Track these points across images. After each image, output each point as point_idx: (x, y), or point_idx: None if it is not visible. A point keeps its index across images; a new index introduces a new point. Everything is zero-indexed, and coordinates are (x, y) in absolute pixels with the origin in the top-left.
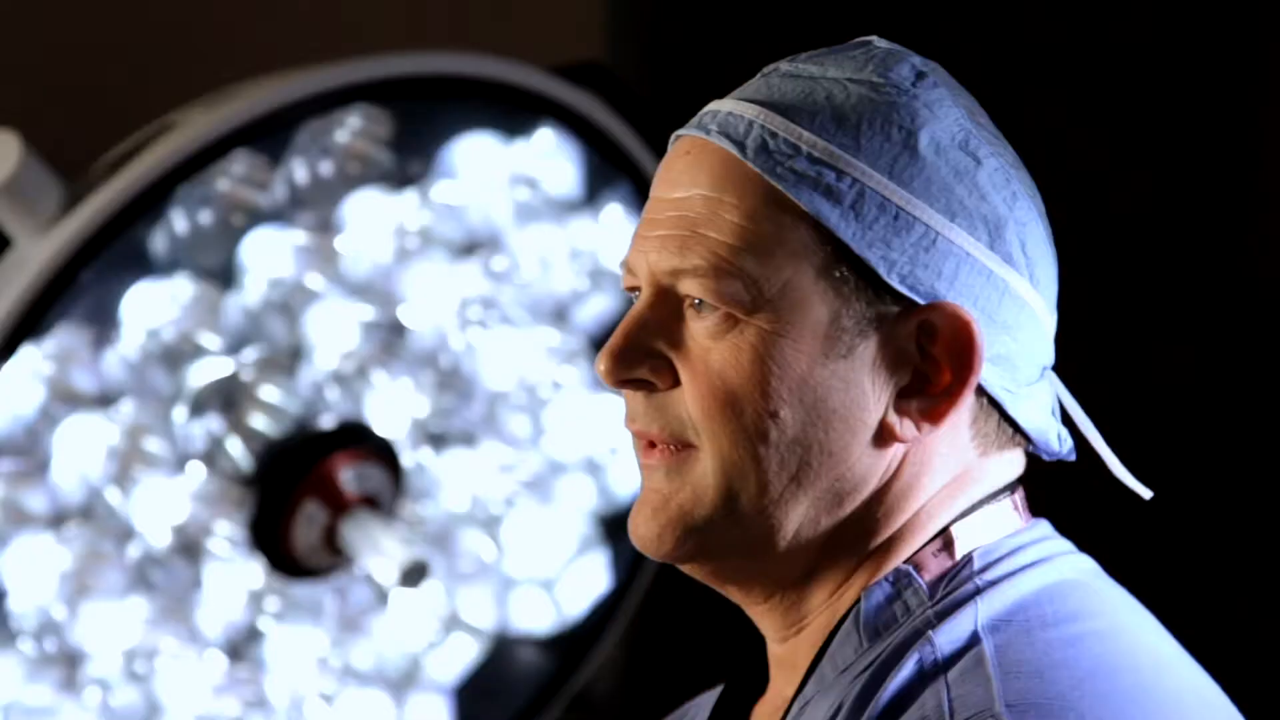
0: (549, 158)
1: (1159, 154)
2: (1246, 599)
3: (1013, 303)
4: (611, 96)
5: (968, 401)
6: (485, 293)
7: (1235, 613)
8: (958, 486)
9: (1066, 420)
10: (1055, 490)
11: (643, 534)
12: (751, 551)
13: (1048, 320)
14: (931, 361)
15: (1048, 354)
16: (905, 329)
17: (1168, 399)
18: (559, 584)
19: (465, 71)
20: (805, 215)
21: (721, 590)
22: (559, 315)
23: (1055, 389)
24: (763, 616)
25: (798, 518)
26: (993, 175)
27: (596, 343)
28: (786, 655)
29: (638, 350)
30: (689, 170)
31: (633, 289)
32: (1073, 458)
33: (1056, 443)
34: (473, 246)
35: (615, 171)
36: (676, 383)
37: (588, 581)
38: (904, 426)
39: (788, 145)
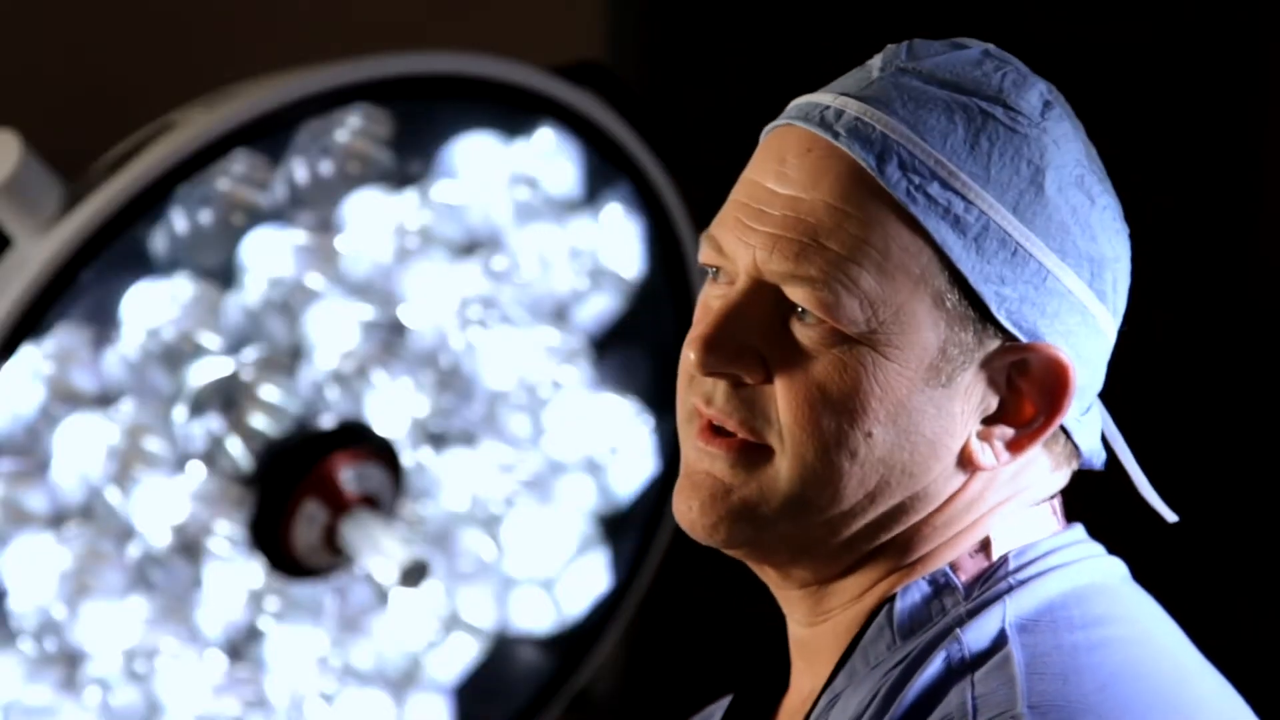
0: (549, 158)
1: (1158, 154)
2: (1249, 601)
3: (1097, 338)
4: (611, 96)
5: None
6: (485, 292)
7: (1242, 617)
8: (1011, 501)
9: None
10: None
11: (694, 519)
12: (805, 548)
13: (1111, 345)
14: (1016, 392)
15: (1104, 377)
16: (1001, 362)
17: (1168, 399)
18: (559, 584)
19: (465, 71)
20: (929, 241)
21: (756, 570)
22: (559, 315)
23: (1097, 406)
24: (792, 601)
25: (859, 527)
26: (1102, 215)
27: (597, 343)
28: (810, 641)
29: (733, 343)
30: (811, 171)
31: (712, 266)
32: (1102, 468)
33: (1097, 459)
34: (473, 246)
35: (615, 171)
36: (767, 379)
37: (588, 581)
38: (985, 454)
39: (922, 167)
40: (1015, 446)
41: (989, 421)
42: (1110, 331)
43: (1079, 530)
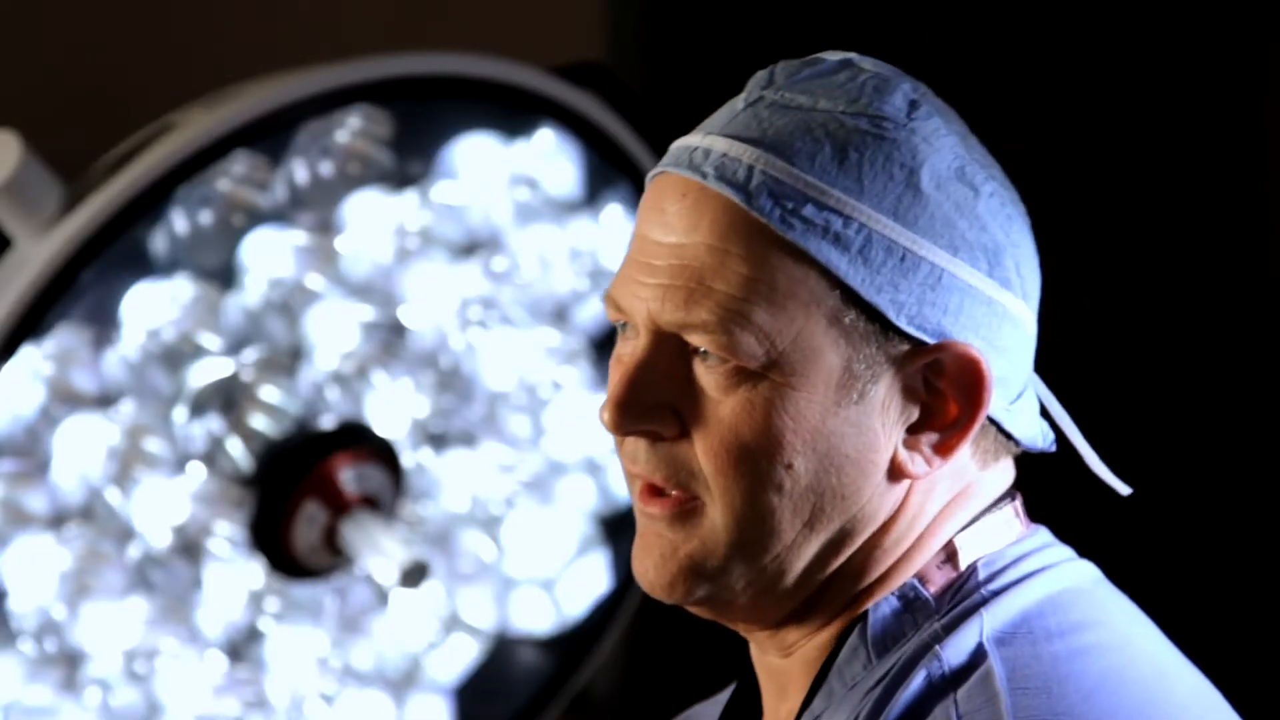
0: (549, 158)
1: (1159, 155)
2: (1235, 597)
3: (1010, 325)
4: (611, 96)
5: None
6: (485, 293)
7: (1224, 610)
8: (959, 502)
9: (1044, 413)
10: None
11: (653, 580)
12: (761, 593)
13: (1033, 329)
14: (937, 395)
15: (1031, 360)
16: (913, 367)
17: (1168, 399)
18: (559, 584)
19: (465, 71)
20: (814, 263)
21: (724, 623)
22: (559, 315)
23: (1036, 388)
24: (759, 640)
25: (808, 558)
26: (989, 202)
27: (597, 343)
28: (781, 670)
29: (644, 401)
30: (687, 216)
31: (619, 321)
32: (1053, 449)
33: (1042, 441)
34: (473, 247)
35: (615, 171)
36: (684, 432)
37: (588, 581)
38: (915, 463)
39: (793, 192)
40: (943, 449)
41: (914, 430)
42: (1024, 316)
43: (1045, 533)
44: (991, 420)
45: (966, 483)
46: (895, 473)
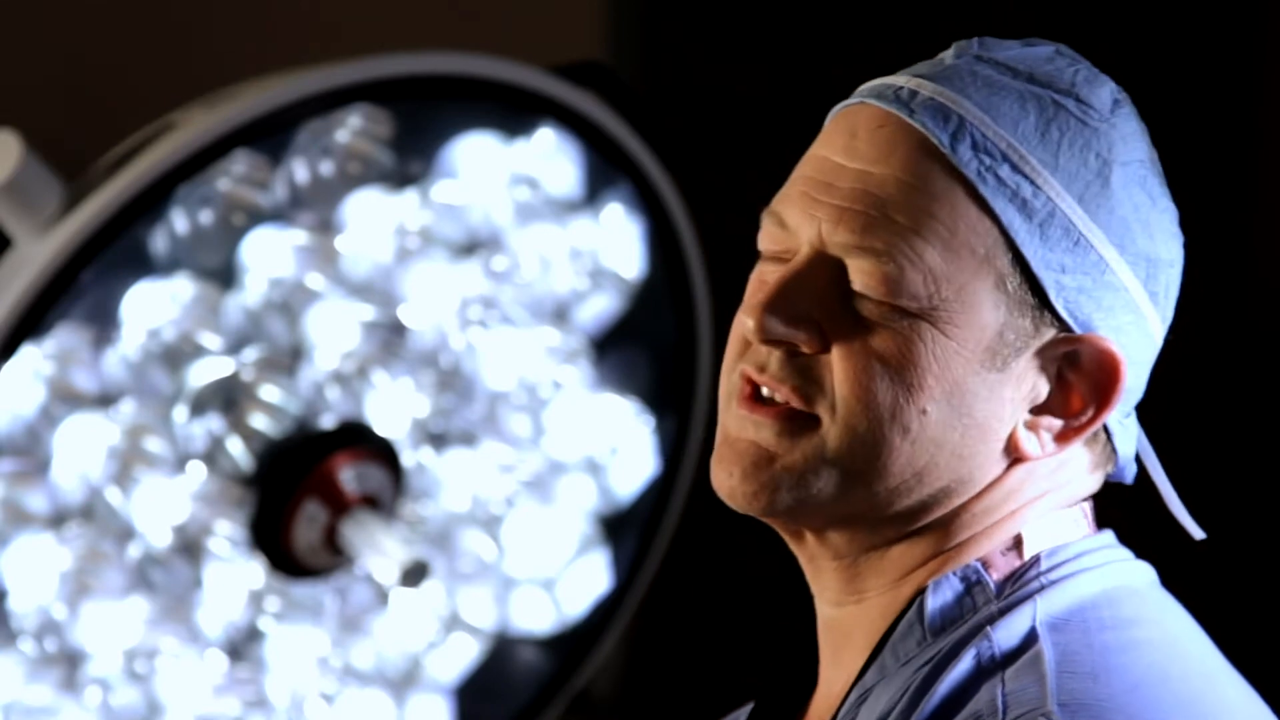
0: (549, 158)
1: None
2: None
3: (1146, 341)
4: (611, 96)
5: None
6: (485, 292)
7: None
8: (1046, 497)
9: None
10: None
11: (735, 486)
12: (845, 519)
13: (1156, 353)
14: (1066, 384)
15: (1146, 384)
16: (1054, 352)
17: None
18: (559, 584)
19: (465, 71)
20: (996, 222)
21: (793, 539)
22: (559, 315)
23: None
24: (824, 575)
25: (903, 506)
26: (1161, 217)
27: (597, 343)
28: (840, 623)
29: (794, 309)
30: (882, 146)
31: (774, 255)
32: (1131, 482)
33: (1129, 470)
34: (473, 246)
35: (615, 171)
36: (824, 349)
37: (588, 581)
38: (1031, 444)
39: (994, 149)
40: (1061, 439)
41: (1037, 411)
42: (1158, 336)
43: (1109, 536)
44: (1105, 429)
45: (1065, 479)
46: (1010, 448)
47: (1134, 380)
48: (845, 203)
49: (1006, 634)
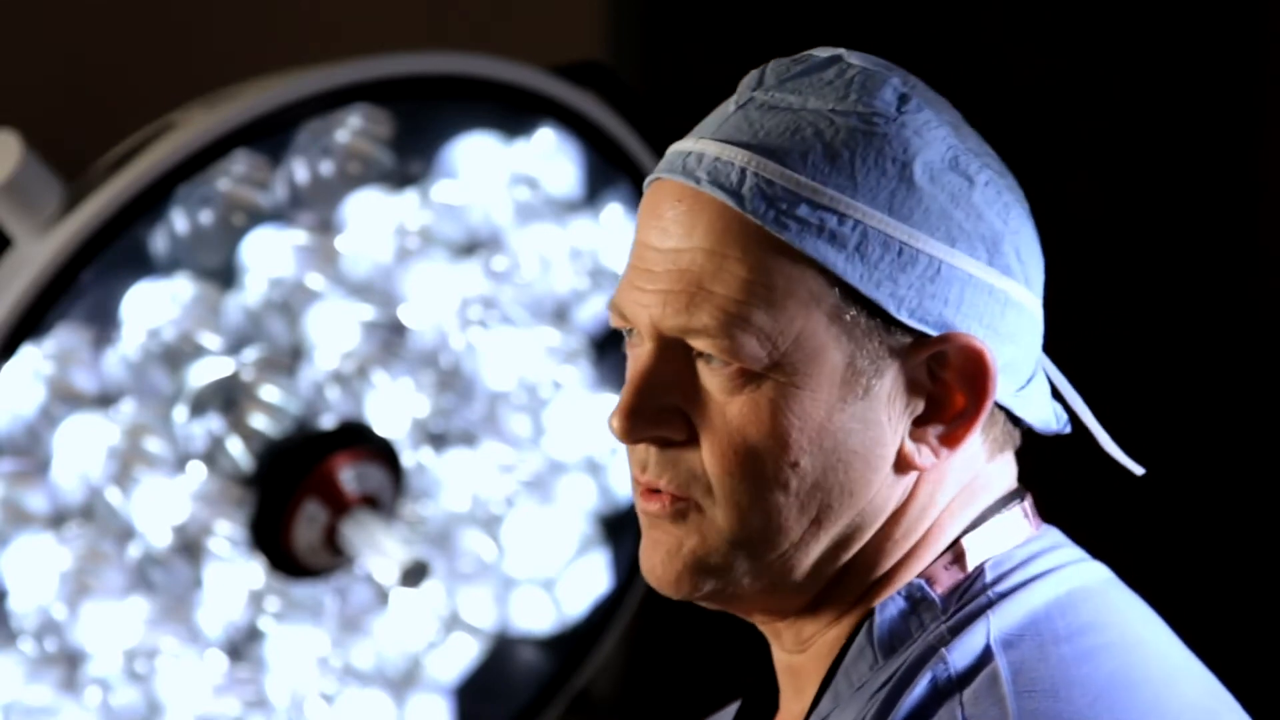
0: (549, 158)
1: (1159, 156)
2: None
3: (1014, 311)
4: (611, 96)
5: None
6: (486, 292)
7: (1221, 604)
8: (967, 496)
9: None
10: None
11: (661, 576)
12: (769, 587)
13: (1039, 313)
14: (943, 386)
15: (1040, 344)
16: (917, 359)
17: (1169, 400)
18: (559, 584)
19: (465, 71)
20: (811, 262)
21: (739, 614)
22: (559, 315)
23: (1047, 370)
24: (775, 632)
25: (816, 555)
26: (985, 191)
27: (597, 342)
28: (796, 667)
29: (652, 408)
30: (683, 221)
31: (625, 328)
32: (1068, 430)
33: (1056, 423)
34: (473, 246)
35: (615, 171)
36: (691, 437)
37: (588, 581)
38: (922, 455)
39: (785, 193)
40: (950, 440)
41: (920, 422)
42: (1028, 302)
43: (1056, 534)
44: (1001, 408)
45: (974, 474)
46: (902, 465)
47: (1010, 355)
48: (666, 286)
49: (961, 654)
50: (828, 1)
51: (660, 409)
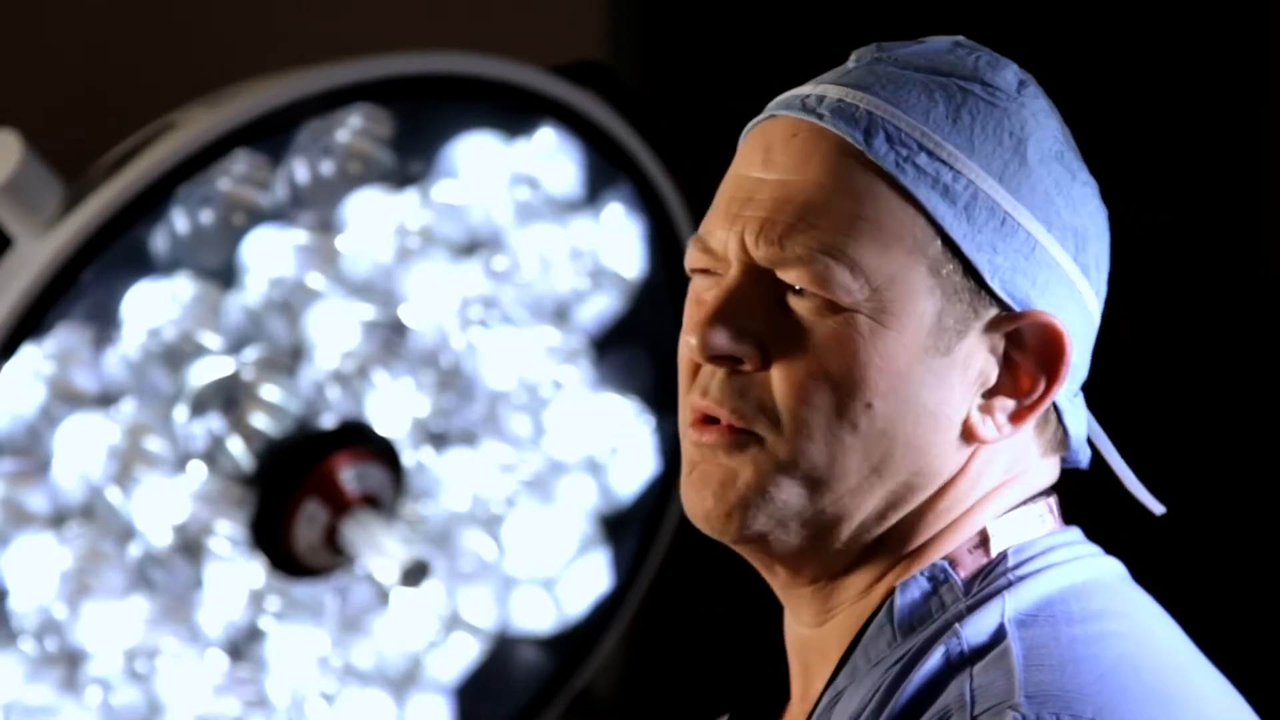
0: (549, 158)
1: (1158, 155)
2: (1248, 602)
3: (1085, 316)
4: (612, 96)
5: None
6: (486, 292)
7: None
8: (1010, 485)
9: None
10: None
11: (711, 510)
12: (813, 539)
13: (1095, 327)
14: (1014, 365)
15: (1089, 359)
16: (997, 332)
17: (1169, 400)
18: (559, 584)
19: (466, 71)
20: (921, 210)
21: (766, 571)
22: (560, 315)
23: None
24: (801, 600)
25: (868, 508)
26: (1083, 190)
27: (597, 343)
28: (815, 641)
29: (736, 325)
30: (798, 155)
31: (701, 270)
32: (1087, 467)
33: (1082, 455)
34: (473, 246)
35: (616, 171)
36: (764, 365)
37: (588, 581)
38: (986, 427)
39: (908, 139)
40: (1016, 418)
41: (989, 395)
42: (1095, 311)
43: (1076, 532)
44: (1055, 409)
45: (1022, 467)
46: (966, 434)
47: (1077, 356)
48: (767, 213)
49: (975, 630)
50: (828, 2)
51: (741, 329)
